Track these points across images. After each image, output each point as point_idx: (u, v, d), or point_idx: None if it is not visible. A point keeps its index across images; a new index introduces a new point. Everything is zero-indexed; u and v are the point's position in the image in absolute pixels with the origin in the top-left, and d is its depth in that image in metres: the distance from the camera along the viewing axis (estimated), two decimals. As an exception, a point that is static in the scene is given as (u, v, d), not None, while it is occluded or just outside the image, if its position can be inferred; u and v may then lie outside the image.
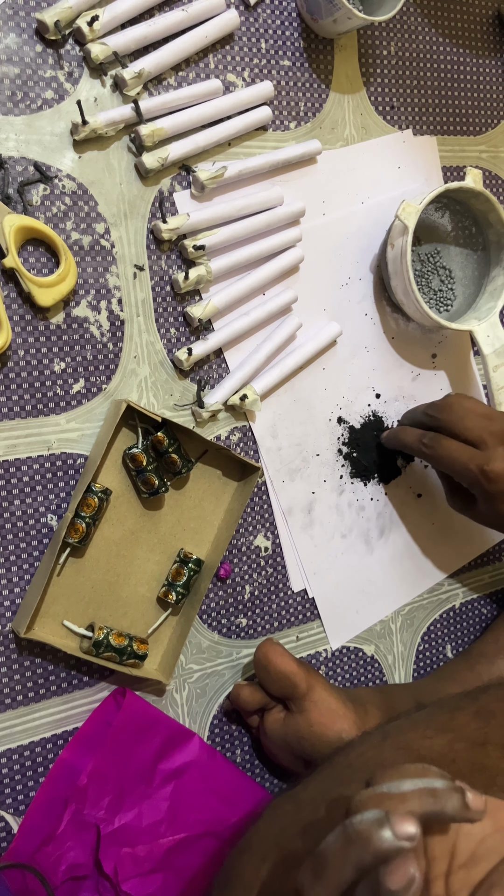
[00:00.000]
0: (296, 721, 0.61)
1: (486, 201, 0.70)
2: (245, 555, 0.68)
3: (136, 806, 0.57)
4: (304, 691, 0.61)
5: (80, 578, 0.60)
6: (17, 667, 0.58)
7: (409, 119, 0.75)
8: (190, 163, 0.64)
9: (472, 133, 0.80)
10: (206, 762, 0.62)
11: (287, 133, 0.69)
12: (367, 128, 0.73)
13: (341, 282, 0.71)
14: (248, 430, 0.67)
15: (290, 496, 0.69)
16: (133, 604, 0.63)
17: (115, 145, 0.61)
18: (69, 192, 0.59)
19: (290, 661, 0.61)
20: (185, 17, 0.61)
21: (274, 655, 0.61)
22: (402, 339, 0.75)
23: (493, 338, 0.71)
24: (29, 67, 0.58)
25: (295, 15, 0.68)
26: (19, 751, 0.58)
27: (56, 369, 0.59)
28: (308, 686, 0.61)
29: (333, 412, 0.71)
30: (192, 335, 0.65)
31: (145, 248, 0.62)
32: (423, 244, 0.75)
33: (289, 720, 0.62)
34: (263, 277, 0.66)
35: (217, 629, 0.67)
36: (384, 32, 0.74)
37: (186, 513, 0.64)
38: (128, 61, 0.61)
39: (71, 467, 0.60)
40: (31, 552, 0.59)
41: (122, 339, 0.62)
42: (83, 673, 0.61)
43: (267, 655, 0.61)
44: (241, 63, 0.66)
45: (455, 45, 0.78)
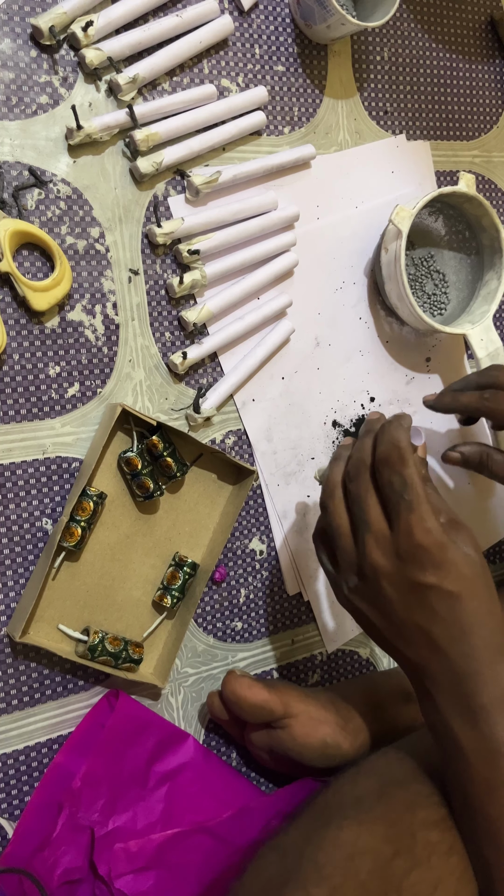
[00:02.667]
0: (279, 736, 0.61)
1: (480, 205, 0.70)
2: (240, 558, 0.68)
3: (130, 808, 0.57)
4: (281, 713, 0.60)
5: (76, 582, 0.60)
6: (12, 671, 0.58)
7: (402, 124, 0.76)
8: (184, 167, 0.64)
9: (466, 138, 0.80)
10: (201, 763, 0.62)
11: (281, 138, 0.69)
12: (361, 133, 0.73)
13: (335, 286, 0.72)
14: (243, 433, 0.68)
15: (285, 500, 0.70)
16: (128, 608, 0.63)
17: (110, 150, 0.61)
18: (64, 196, 0.60)
19: (259, 689, 0.60)
20: (180, 23, 0.61)
21: (242, 690, 0.60)
22: (396, 343, 0.75)
23: (486, 341, 0.71)
24: (24, 72, 0.58)
25: (289, 21, 0.69)
26: (14, 755, 0.58)
27: (51, 373, 0.59)
28: (284, 706, 0.60)
29: (328, 416, 0.72)
30: (187, 339, 0.65)
31: (140, 252, 0.62)
32: (416, 248, 0.75)
33: (272, 735, 0.61)
34: (258, 282, 0.66)
35: (212, 633, 0.67)
36: (377, 38, 0.74)
37: (181, 516, 0.64)
38: (122, 66, 0.61)
39: (66, 471, 0.60)
40: (26, 556, 0.59)
41: (116, 343, 0.62)
42: (78, 677, 0.61)
43: (235, 692, 0.60)
44: (236, 68, 0.66)
45: (448, 51, 0.78)
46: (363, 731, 0.62)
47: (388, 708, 0.65)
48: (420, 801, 0.49)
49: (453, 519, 0.51)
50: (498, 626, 0.48)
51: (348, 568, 0.52)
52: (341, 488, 0.54)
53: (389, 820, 0.47)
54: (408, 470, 0.49)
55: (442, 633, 0.48)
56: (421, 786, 0.50)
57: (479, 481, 0.81)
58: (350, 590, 0.53)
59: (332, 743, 0.60)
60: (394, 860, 0.45)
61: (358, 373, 0.73)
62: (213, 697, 0.63)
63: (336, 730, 0.61)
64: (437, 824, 0.47)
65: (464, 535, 0.50)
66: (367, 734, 0.62)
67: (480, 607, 0.48)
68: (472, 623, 0.48)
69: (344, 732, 0.61)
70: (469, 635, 0.47)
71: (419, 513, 0.48)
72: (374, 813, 0.48)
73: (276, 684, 0.62)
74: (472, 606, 0.48)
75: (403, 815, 0.48)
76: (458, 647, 0.48)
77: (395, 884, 0.44)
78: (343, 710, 0.63)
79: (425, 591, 0.48)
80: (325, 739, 0.60)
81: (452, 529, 0.50)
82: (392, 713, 0.65)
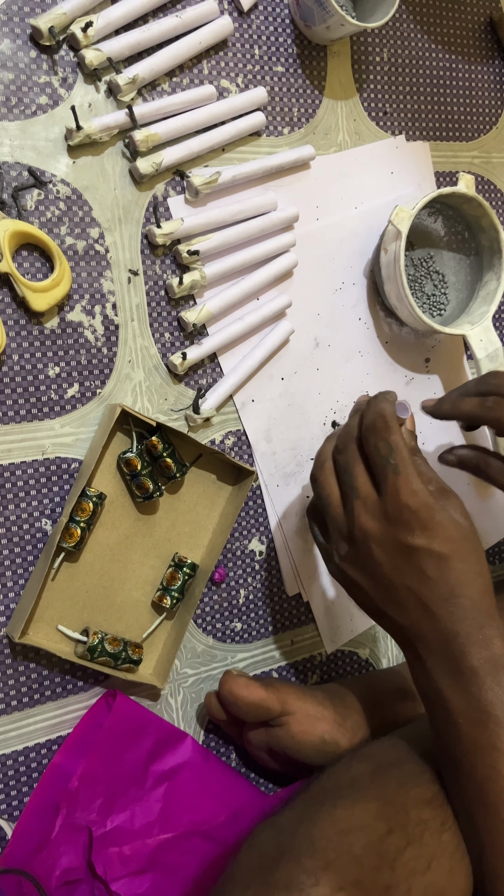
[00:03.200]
0: (276, 734, 0.61)
1: (479, 206, 0.70)
2: (240, 559, 0.68)
3: (128, 808, 0.57)
4: (278, 711, 0.60)
5: (75, 583, 0.60)
6: (12, 672, 0.58)
7: (401, 125, 0.76)
8: (184, 168, 0.64)
9: (465, 139, 0.80)
10: (200, 763, 0.62)
11: (281, 139, 0.69)
12: (361, 133, 0.73)
13: (335, 286, 0.72)
14: (243, 434, 0.68)
15: (284, 500, 0.70)
16: (128, 608, 0.63)
17: (110, 151, 0.61)
18: (63, 197, 0.60)
19: (256, 688, 0.60)
20: (179, 24, 0.61)
21: (239, 689, 0.60)
22: (395, 344, 0.75)
23: (485, 342, 0.71)
24: (23, 73, 0.58)
25: (288, 21, 0.69)
26: (13, 756, 0.58)
27: (50, 374, 0.59)
28: (281, 704, 0.60)
29: (328, 416, 0.72)
30: (187, 340, 0.65)
31: (139, 252, 0.62)
32: (416, 249, 0.75)
33: (270, 733, 0.62)
34: (257, 282, 0.66)
35: (212, 633, 0.67)
36: (377, 39, 0.74)
37: (181, 517, 0.64)
38: (122, 67, 0.61)
39: (65, 472, 0.60)
40: (25, 557, 0.59)
41: (116, 343, 0.62)
42: (77, 678, 0.61)
43: (232, 692, 0.60)
44: (235, 69, 0.66)
45: (447, 52, 0.78)
46: (361, 728, 0.62)
47: (385, 705, 0.65)
48: (412, 779, 0.50)
49: (442, 487, 0.52)
50: (487, 589, 0.49)
51: (339, 536, 0.53)
52: (331, 461, 0.55)
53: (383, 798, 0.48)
54: (393, 436, 0.50)
55: (431, 595, 0.49)
56: (413, 765, 0.51)
57: (478, 482, 0.81)
58: (341, 558, 0.53)
59: (330, 740, 0.60)
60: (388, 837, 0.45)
61: (357, 373, 0.73)
62: (211, 698, 0.63)
63: (334, 727, 0.61)
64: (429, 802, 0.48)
65: (452, 501, 0.51)
66: (365, 731, 0.63)
67: (469, 569, 0.49)
68: (461, 584, 0.49)
69: (342, 729, 0.61)
70: (458, 597, 0.48)
71: (405, 475, 0.49)
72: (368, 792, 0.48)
73: (273, 682, 0.62)
74: (460, 568, 0.49)
75: (397, 792, 0.48)
76: (448, 608, 0.48)
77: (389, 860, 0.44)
78: (341, 707, 0.63)
79: (414, 552, 0.49)
80: (323, 736, 0.60)
81: (441, 496, 0.51)
82: (390, 710, 0.65)
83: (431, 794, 0.49)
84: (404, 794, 0.48)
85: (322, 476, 0.55)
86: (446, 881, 0.46)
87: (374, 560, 0.51)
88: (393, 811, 0.47)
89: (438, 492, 0.51)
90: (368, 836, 0.45)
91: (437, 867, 0.45)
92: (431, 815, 0.48)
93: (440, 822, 0.48)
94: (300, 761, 0.61)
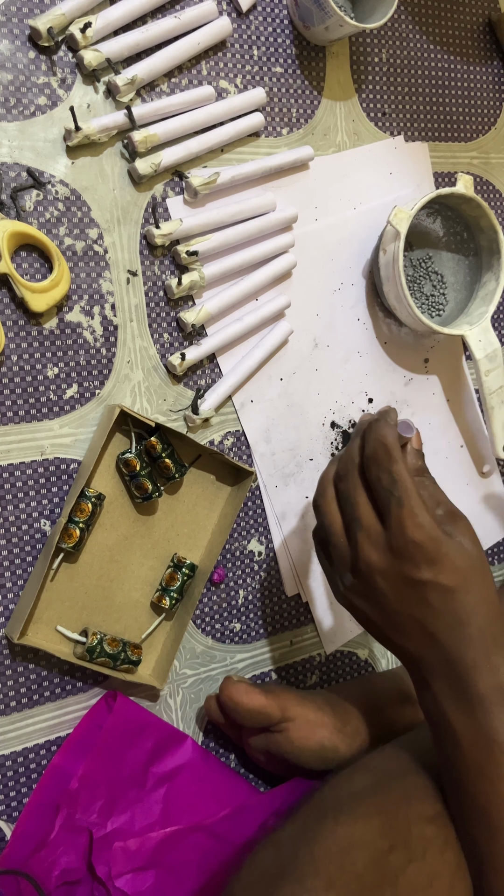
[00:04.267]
0: (276, 740, 0.61)
1: (478, 207, 0.70)
2: (239, 559, 0.68)
3: (128, 809, 0.57)
4: (278, 718, 0.60)
5: (74, 584, 0.60)
6: (11, 672, 0.58)
7: (400, 125, 0.76)
8: (183, 169, 0.64)
9: (464, 139, 0.80)
10: (200, 764, 0.62)
11: (279, 139, 0.69)
12: (359, 134, 0.73)
13: (334, 287, 0.72)
14: (242, 434, 0.68)
15: (283, 501, 0.70)
16: (127, 609, 0.63)
17: (108, 151, 0.61)
18: (62, 197, 0.60)
19: (256, 694, 0.60)
20: (178, 24, 0.61)
21: (239, 695, 0.60)
22: (394, 344, 0.75)
23: (484, 342, 0.72)
24: (22, 74, 0.58)
25: (287, 22, 0.69)
26: (12, 757, 0.58)
27: (49, 374, 0.59)
28: (281, 710, 0.60)
29: (327, 417, 0.72)
30: (186, 340, 0.65)
31: (138, 253, 0.62)
32: (415, 249, 0.75)
33: (269, 739, 0.61)
34: (256, 283, 0.66)
35: (211, 634, 0.67)
36: (376, 39, 0.74)
37: (180, 518, 0.64)
38: (121, 68, 0.61)
39: (64, 472, 0.60)
40: (24, 557, 0.59)
41: (115, 344, 0.62)
42: (77, 678, 0.61)
43: (232, 698, 0.60)
44: (234, 70, 0.66)
45: (446, 52, 0.78)
46: (361, 734, 0.62)
47: (385, 710, 0.65)
48: (416, 793, 0.49)
49: (450, 510, 0.51)
50: (495, 616, 0.49)
51: (343, 566, 0.53)
52: (333, 487, 0.54)
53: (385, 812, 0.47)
54: (395, 466, 0.49)
55: (438, 625, 0.48)
56: (416, 779, 0.50)
57: (477, 482, 0.81)
58: (346, 587, 0.53)
59: (330, 746, 0.60)
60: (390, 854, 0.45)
61: (356, 374, 0.73)
62: (211, 701, 0.63)
63: (333, 733, 0.61)
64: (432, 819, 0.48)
65: (461, 526, 0.50)
66: (365, 737, 0.62)
67: (476, 598, 0.49)
68: (468, 614, 0.48)
69: (341, 735, 0.61)
70: (465, 626, 0.48)
71: (409, 508, 0.48)
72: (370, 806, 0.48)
73: (272, 688, 0.62)
74: (467, 599, 0.48)
75: (399, 807, 0.48)
76: (455, 637, 0.48)
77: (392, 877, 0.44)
78: (340, 713, 0.63)
79: (420, 586, 0.48)
80: (323, 743, 0.60)
81: (449, 521, 0.50)
82: (390, 715, 0.65)
83: (435, 811, 0.48)
84: (406, 808, 0.48)
85: (324, 503, 0.54)
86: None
87: (378, 591, 0.50)
88: (395, 827, 0.47)
89: (446, 515, 0.50)
90: (370, 853, 0.45)
91: (438, 885, 0.45)
92: (434, 832, 0.47)
93: (443, 840, 0.47)
94: (299, 766, 0.61)
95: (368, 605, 0.52)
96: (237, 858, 0.56)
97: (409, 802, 0.48)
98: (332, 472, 0.55)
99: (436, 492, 0.52)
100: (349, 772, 0.53)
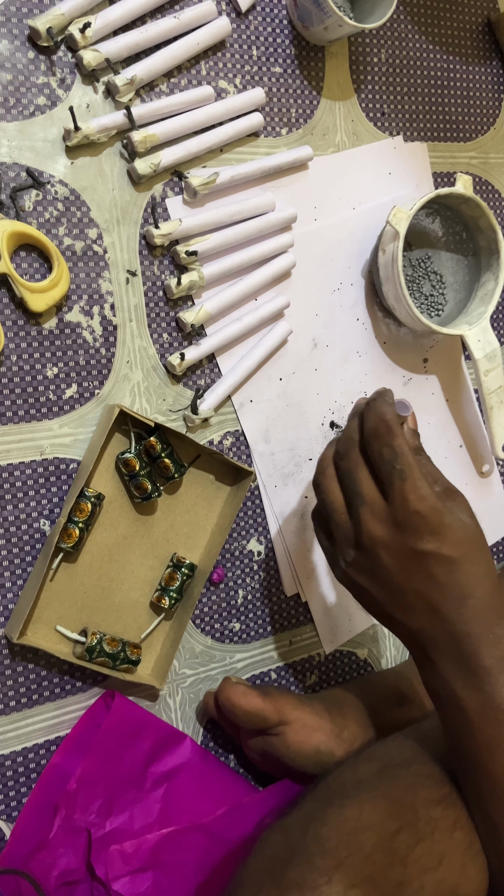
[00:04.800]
0: (272, 742, 0.61)
1: (477, 207, 0.70)
2: (238, 559, 0.68)
3: (127, 809, 0.57)
4: (275, 721, 0.60)
5: (73, 583, 0.60)
6: (10, 672, 0.58)
7: (399, 125, 0.76)
8: (182, 169, 0.64)
9: (463, 139, 0.80)
10: (199, 764, 0.62)
11: (278, 139, 0.69)
12: (359, 134, 0.73)
13: (333, 287, 0.72)
14: (241, 434, 0.68)
15: (282, 500, 0.70)
16: (126, 609, 0.63)
17: (108, 151, 0.61)
18: (62, 197, 0.60)
19: (254, 697, 0.60)
20: (177, 24, 0.62)
21: (237, 697, 0.60)
22: (393, 344, 0.75)
23: (483, 342, 0.72)
24: (21, 74, 0.58)
25: (286, 22, 0.69)
26: (12, 756, 0.58)
27: (49, 374, 0.59)
28: (278, 714, 0.60)
29: (326, 416, 0.72)
30: (185, 340, 0.65)
31: (138, 253, 0.62)
32: (414, 249, 0.75)
33: (266, 741, 0.61)
34: (256, 283, 0.66)
35: (210, 634, 0.67)
36: (375, 39, 0.74)
37: (179, 517, 0.65)
38: (120, 68, 0.61)
39: (64, 472, 0.60)
40: (23, 557, 0.59)
41: (114, 344, 0.62)
42: (76, 678, 0.61)
43: (230, 700, 0.60)
44: (233, 70, 0.66)
45: (445, 52, 0.78)
46: (358, 739, 0.62)
47: (384, 713, 0.65)
48: (421, 780, 0.50)
49: (448, 486, 0.52)
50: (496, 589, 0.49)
51: (345, 542, 0.53)
52: (333, 467, 0.55)
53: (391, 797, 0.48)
54: (397, 440, 0.50)
55: (441, 598, 0.49)
56: (422, 766, 0.51)
57: (477, 482, 0.81)
58: (348, 564, 0.53)
59: (326, 750, 0.60)
60: (398, 835, 0.45)
61: (355, 374, 0.73)
62: (210, 697, 0.63)
63: (330, 737, 0.61)
64: (439, 802, 0.48)
65: (459, 502, 0.51)
66: (363, 741, 0.62)
67: (478, 571, 0.49)
68: (471, 586, 0.49)
69: (338, 740, 0.61)
70: (468, 598, 0.49)
71: (412, 480, 0.49)
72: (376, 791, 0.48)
73: (270, 691, 0.62)
74: (469, 570, 0.49)
75: (405, 793, 0.48)
76: (458, 610, 0.49)
77: (401, 857, 0.44)
78: (338, 717, 0.63)
79: (423, 557, 0.49)
80: (319, 747, 0.60)
81: (447, 497, 0.51)
82: (388, 717, 0.65)
83: (441, 794, 0.49)
84: (413, 794, 0.48)
85: (325, 482, 0.55)
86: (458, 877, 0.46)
87: (382, 565, 0.51)
88: (402, 810, 0.47)
89: (445, 492, 0.51)
90: (378, 835, 0.45)
91: (448, 863, 0.45)
92: (442, 814, 0.48)
93: (451, 821, 0.48)
94: (295, 770, 0.61)
95: (371, 582, 0.52)
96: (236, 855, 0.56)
97: (415, 789, 0.49)
98: (332, 452, 0.55)
99: (433, 470, 0.52)
100: (353, 761, 0.53)
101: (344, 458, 0.53)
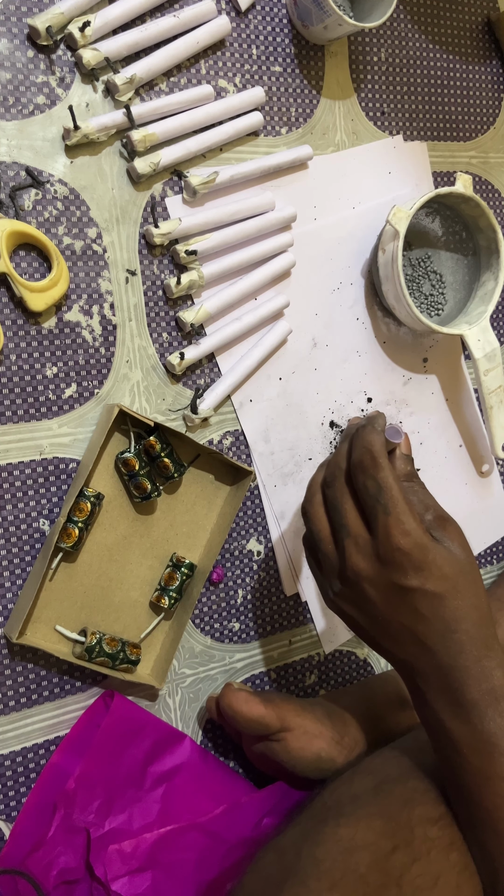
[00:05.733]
0: (274, 748, 0.61)
1: (476, 206, 0.70)
2: (238, 559, 0.68)
3: (126, 809, 0.57)
4: (277, 728, 0.60)
5: (73, 583, 0.60)
6: (10, 672, 0.58)
7: (399, 125, 0.76)
8: (182, 168, 0.64)
9: (462, 139, 0.80)
10: (199, 764, 0.62)
11: (278, 138, 0.69)
12: (358, 133, 0.73)
13: (333, 287, 0.72)
14: (241, 434, 0.68)
15: (282, 500, 0.70)
16: (126, 608, 0.63)
17: (107, 150, 0.61)
18: (61, 196, 0.60)
19: (256, 704, 0.60)
20: (177, 23, 0.61)
21: (238, 704, 0.59)
22: (393, 344, 0.75)
23: (483, 342, 0.72)
24: (21, 73, 0.58)
25: (286, 21, 0.69)
26: (11, 756, 0.58)
27: (48, 374, 0.59)
28: (280, 720, 0.60)
29: (326, 416, 0.72)
30: (185, 340, 0.65)
31: (137, 252, 0.62)
32: (413, 249, 0.75)
33: (268, 746, 0.61)
34: (255, 282, 0.66)
35: (210, 633, 0.67)
36: (374, 39, 0.74)
37: (179, 517, 0.64)
38: (119, 67, 0.61)
39: (63, 472, 0.60)
40: (23, 557, 0.59)
41: (114, 343, 0.62)
42: (75, 678, 0.61)
43: (232, 706, 0.60)
44: (233, 69, 0.66)
45: (445, 52, 0.78)
46: (359, 745, 0.62)
47: (385, 717, 0.65)
48: (417, 797, 0.49)
49: (440, 514, 0.51)
50: (484, 621, 0.49)
51: (331, 572, 0.52)
52: (321, 494, 0.54)
53: (387, 815, 0.47)
54: (381, 473, 0.49)
55: (427, 631, 0.48)
56: (418, 782, 0.50)
57: (476, 481, 0.81)
58: (335, 594, 0.53)
59: (327, 757, 0.60)
60: (393, 854, 0.45)
61: (355, 373, 0.73)
62: (212, 702, 0.63)
63: (331, 744, 0.61)
64: (435, 821, 0.48)
65: (450, 531, 0.50)
66: (364, 747, 0.62)
67: (465, 604, 0.48)
68: (457, 620, 0.48)
69: (339, 747, 0.61)
70: (454, 632, 0.48)
71: (396, 515, 0.48)
72: (371, 809, 0.48)
73: (272, 698, 0.62)
74: (455, 605, 0.48)
75: (401, 810, 0.48)
76: (444, 643, 0.48)
77: (395, 877, 0.44)
78: (339, 723, 0.63)
79: (408, 593, 0.48)
80: (320, 754, 0.60)
81: (438, 526, 0.50)
82: (389, 721, 0.65)
83: (438, 813, 0.48)
84: (409, 811, 0.48)
85: (312, 510, 0.54)
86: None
87: (367, 598, 0.50)
88: (397, 828, 0.47)
89: (435, 520, 0.50)
90: (373, 854, 0.45)
91: (444, 884, 0.45)
92: (438, 833, 0.47)
93: (448, 841, 0.47)
94: (296, 775, 0.61)
95: (358, 613, 0.52)
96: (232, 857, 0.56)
97: (411, 805, 0.48)
98: (320, 477, 0.54)
99: (425, 497, 0.51)
100: (349, 775, 0.53)
101: (330, 486, 0.53)
